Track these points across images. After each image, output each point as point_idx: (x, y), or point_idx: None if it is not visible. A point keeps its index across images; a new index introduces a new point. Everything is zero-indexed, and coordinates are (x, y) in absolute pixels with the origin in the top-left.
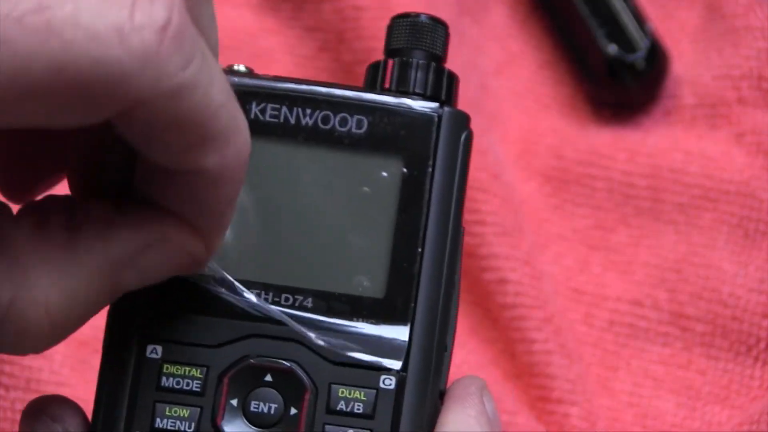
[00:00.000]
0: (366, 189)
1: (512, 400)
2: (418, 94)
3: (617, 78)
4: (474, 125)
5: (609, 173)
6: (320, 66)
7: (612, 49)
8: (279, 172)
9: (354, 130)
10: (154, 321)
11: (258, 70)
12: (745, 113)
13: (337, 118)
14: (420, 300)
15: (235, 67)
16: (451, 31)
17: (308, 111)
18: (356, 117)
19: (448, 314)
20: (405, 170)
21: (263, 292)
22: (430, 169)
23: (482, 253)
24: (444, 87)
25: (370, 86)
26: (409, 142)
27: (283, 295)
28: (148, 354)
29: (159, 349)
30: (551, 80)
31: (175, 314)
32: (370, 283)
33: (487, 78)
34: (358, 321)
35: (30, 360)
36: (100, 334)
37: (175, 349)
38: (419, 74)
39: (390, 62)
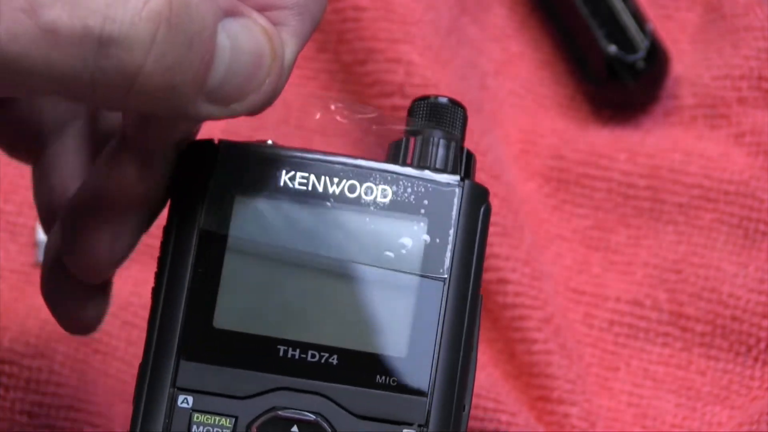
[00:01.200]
0: (390, 254)
1: (512, 400)
2: (438, 170)
3: (617, 78)
4: (474, 125)
5: (609, 173)
6: (319, 67)
7: (612, 49)
8: (307, 236)
9: (379, 198)
10: (186, 372)
11: None
12: (745, 113)
13: (363, 187)
14: (440, 361)
15: (268, 142)
16: (451, 31)
17: (335, 180)
18: (381, 186)
19: (466, 376)
20: (427, 238)
21: (290, 348)
22: (451, 239)
23: None
24: (463, 163)
25: (392, 162)
26: (431, 212)
27: (310, 352)
28: (179, 404)
29: (190, 399)
30: (551, 80)
31: (205, 366)
32: (393, 343)
33: (487, 78)
34: (380, 377)
35: (30, 360)
36: (100, 336)
37: (205, 399)
38: (440, 151)
39: (412, 140)
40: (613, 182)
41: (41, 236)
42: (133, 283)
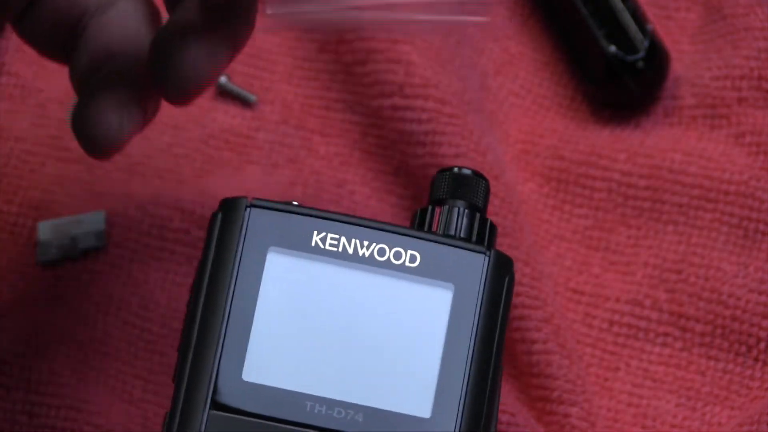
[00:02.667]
0: (417, 317)
1: (512, 400)
2: (463, 239)
3: (617, 78)
4: (474, 125)
5: (608, 174)
6: (320, 68)
7: (612, 49)
8: (337, 296)
9: (407, 263)
10: (214, 422)
11: (257, 72)
12: (745, 113)
13: (392, 252)
14: (463, 425)
15: (293, 203)
16: (451, 31)
17: (365, 243)
18: (410, 252)
19: None
20: (453, 305)
21: (317, 404)
22: (477, 307)
23: None
24: (487, 235)
25: (418, 229)
26: (458, 279)
27: (336, 409)
28: None
29: None
30: (551, 81)
31: (234, 417)
32: (417, 403)
33: (487, 78)
34: None
35: (30, 360)
36: (100, 336)
37: None
38: (465, 221)
39: (438, 209)
40: (613, 182)
41: (41, 236)
42: (134, 283)
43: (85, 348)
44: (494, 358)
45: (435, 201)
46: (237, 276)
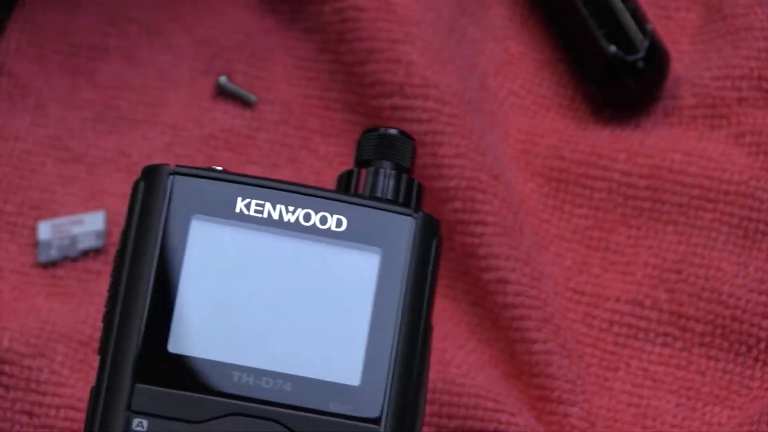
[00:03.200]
0: (344, 283)
1: (512, 400)
2: (390, 201)
3: (617, 78)
4: (474, 125)
5: (608, 174)
6: (320, 68)
7: (612, 49)
8: (263, 263)
9: (334, 228)
10: (141, 395)
11: (257, 72)
12: (745, 113)
13: (318, 216)
14: (394, 390)
15: (218, 168)
16: (451, 31)
17: (290, 208)
18: (336, 216)
19: (417, 403)
20: (381, 269)
21: (244, 374)
22: (405, 271)
23: (482, 253)
24: (414, 195)
25: (343, 191)
26: (386, 242)
27: (264, 378)
28: (134, 427)
29: (145, 422)
30: (551, 80)
31: (160, 390)
32: (346, 371)
33: (487, 78)
34: (334, 405)
35: (30, 360)
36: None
37: (160, 423)
38: (391, 182)
39: (363, 171)
40: (612, 182)
41: (41, 236)
42: None
43: (85, 348)
44: (423, 322)
45: (360, 162)
46: (161, 245)
